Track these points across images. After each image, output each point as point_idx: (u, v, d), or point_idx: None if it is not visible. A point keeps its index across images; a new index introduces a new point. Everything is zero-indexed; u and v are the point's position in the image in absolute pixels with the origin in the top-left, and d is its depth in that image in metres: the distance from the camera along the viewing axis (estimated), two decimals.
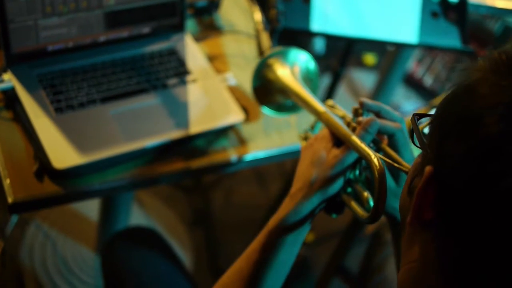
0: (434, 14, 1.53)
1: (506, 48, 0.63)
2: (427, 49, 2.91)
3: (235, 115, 1.31)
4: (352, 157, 0.90)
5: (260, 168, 2.22)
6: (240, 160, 1.28)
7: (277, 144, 1.32)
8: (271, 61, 1.17)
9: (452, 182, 0.61)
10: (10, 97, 1.23)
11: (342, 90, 2.75)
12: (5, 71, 1.25)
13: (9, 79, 1.24)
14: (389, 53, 2.44)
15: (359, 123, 0.91)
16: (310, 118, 1.12)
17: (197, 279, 1.39)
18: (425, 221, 0.64)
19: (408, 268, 0.67)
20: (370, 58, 3.01)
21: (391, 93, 2.51)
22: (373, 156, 0.83)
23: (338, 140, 0.93)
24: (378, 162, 0.82)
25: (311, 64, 1.19)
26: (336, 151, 0.90)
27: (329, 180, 0.89)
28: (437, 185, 0.63)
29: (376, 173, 0.82)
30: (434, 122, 0.68)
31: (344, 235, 1.83)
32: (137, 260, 1.33)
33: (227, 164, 1.27)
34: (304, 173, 0.92)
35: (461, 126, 0.61)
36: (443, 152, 0.63)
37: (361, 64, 3.00)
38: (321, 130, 0.98)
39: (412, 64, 2.95)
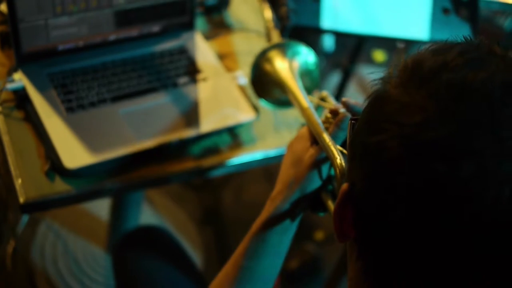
0: (445, 11, 1.52)
1: (413, 55, 0.61)
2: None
3: (245, 114, 1.31)
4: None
5: (270, 166, 2.21)
6: (251, 159, 1.28)
7: (287, 142, 1.30)
8: (271, 54, 1.16)
9: (361, 205, 0.60)
10: (21, 96, 1.23)
11: (352, 87, 2.74)
12: (15, 70, 1.25)
13: (20, 79, 1.24)
14: (399, 49, 2.43)
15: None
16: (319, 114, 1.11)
17: (207, 278, 1.38)
18: (352, 238, 0.64)
19: (349, 285, 0.67)
20: (379, 55, 2.99)
21: None
22: (335, 155, 0.82)
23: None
24: (340, 162, 0.81)
25: (311, 59, 1.16)
26: (312, 150, 0.89)
27: (306, 180, 0.87)
28: (352, 204, 0.62)
29: (337, 172, 0.80)
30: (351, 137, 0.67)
31: None
32: (148, 260, 1.33)
33: (238, 163, 1.27)
34: (283, 174, 0.91)
35: (361, 148, 0.60)
36: (351, 173, 0.63)
37: (370, 61, 2.99)
38: (302, 128, 0.96)
39: None
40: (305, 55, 1.16)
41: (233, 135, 1.30)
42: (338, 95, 1.95)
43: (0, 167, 1.49)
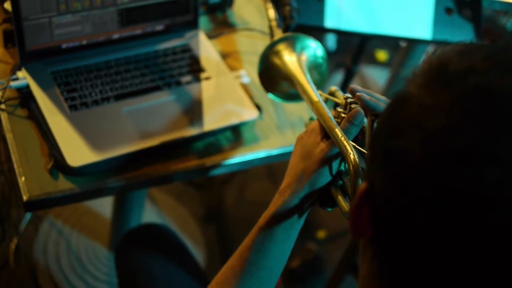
0: (448, 10, 1.52)
1: (438, 55, 0.59)
2: (440, 45, 2.88)
3: (249, 112, 1.31)
4: (337, 150, 0.87)
5: (272, 164, 2.22)
6: (253, 158, 1.28)
7: (290, 141, 1.32)
8: (279, 47, 1.15)
9: (380, 206, 0.59)
10: (25, 94, 1.23)
11: (351, 84, 2.74)
12: (19, 68, 1.25)
13: (24, 77, 1.24)
14: (402, 49, 2.43)
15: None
16: None
17: (210, 276, 1.38)
18: (367, 237, 0.63)
19: (360, 282, 0.66)
20: (382, 54, 3.00)
21: None
22: (349, 151, 0.82)
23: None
24: (354, 157, 0.80)
25: (320, 52, 1.16)
26: (323, 145, 0.88)
27: (317, 175, 0.87)
28: (370, 204, 0.61)
29: (351, 168, 0.80)
30: (373, 135, 0.66)
31: None
32: (151, 258, 1.33)
33: (241, 162, 1.27)
34: (293, 168, 0.90)
35: (381, 149, 0.59)
36: (371, 172, 0.62)
37: (372, 60, 2.99)
38: (312, 122, 0.96)
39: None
40: (314, 49, 1.15)
41: (236, 134, 1.30)
42: None
43: (4, 164, 1.49)
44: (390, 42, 2.92)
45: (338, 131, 0.86)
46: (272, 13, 1.34)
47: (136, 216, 1.77)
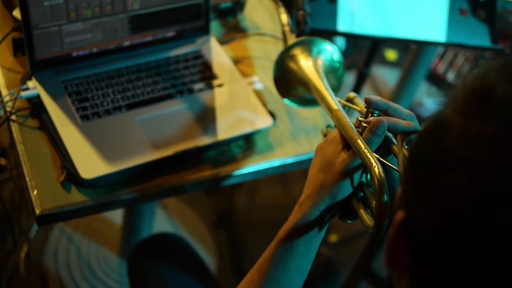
0: (463, 12, 1.49)
1: (480, 78, 0.55)
2: (453, 47, 2.85)
3: (263, 120, 1.29)
4: (359, 161, 0.84)
5: None
6: (268, 166, 1.26)
7: (305, 149, 1.29)
8: (295, 51, 1.12)
9: (422, 238, 0.57)
10: (36, 104, 1.20)
11: (363, 87, 2.71)
12: (29, 78, 1.23)
13: (34, 86, 1.22)
14: (412, 49, 2.40)
15: (368, 123, 0.86)
16: None
17: (221, 282, 1.37)
18: (403, 266, 0.60)
19: None
20: (391, 54, 2.97)
21: (414, 91, 2.47)
22: (373, 164, 0.79)
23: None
24: (379, 171, 0.78)
25: (336, 56, 1.13)
26: (344, 155, 0.85)
27: (338, 186, 0.84)
28: (409, 233, 0.58)
29: (376, 182, 0.78)
30: (409, 159, 0.62)
31: (372, 236, 1.80)
32: (164, 268, 1.32)
33: (255, 171, 1.25)
34: (312, 179, 0.88)
35: (426, 184, 0.56)
36: (412, 202, 0.59)
37: (382, 60, 2.96)
38: (332, 131, 0.92)
39: (434, 59, 2.89)
40: (330, 53, 1.12)
41: (250, 142, 1.28)
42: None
43: (13, 170, 1.47)
44: (401, 43, 2.89)
45: (360, 142, 0.83)
46: (285, 18, 1.31)
47: (147, 223, 1.76)
